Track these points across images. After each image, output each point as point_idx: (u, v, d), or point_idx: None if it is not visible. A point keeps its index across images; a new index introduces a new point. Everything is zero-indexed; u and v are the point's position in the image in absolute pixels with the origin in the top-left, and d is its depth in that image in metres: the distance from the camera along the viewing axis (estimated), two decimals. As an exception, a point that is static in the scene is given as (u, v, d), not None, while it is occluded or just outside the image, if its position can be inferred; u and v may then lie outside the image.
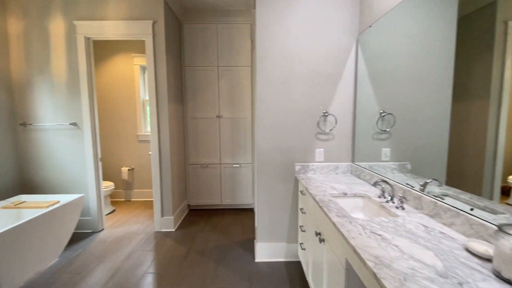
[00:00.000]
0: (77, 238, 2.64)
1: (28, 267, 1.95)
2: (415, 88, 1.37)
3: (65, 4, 2.56)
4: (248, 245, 2.50)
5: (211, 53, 3.24)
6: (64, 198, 2.40)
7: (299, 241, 2.12)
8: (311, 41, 2.07)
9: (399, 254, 0.84)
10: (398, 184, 1.45)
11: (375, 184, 1.42)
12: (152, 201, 3.67)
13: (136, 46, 3.65)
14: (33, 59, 2.59)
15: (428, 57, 1.28)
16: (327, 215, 1.22)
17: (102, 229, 2.84)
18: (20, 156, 2.68)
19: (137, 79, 3.74)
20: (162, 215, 2.82)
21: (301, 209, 2.02)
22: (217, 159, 3.37)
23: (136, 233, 2.76)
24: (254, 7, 2.13)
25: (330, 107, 2.13)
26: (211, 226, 2.96)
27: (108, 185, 3.28)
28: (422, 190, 1.27)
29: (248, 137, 3.34)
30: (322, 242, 1.37)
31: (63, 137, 2.68)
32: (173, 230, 2.83)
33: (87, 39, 2.62)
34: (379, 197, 1.46)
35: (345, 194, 1.60)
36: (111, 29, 2.58)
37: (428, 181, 1.25)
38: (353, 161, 2.17)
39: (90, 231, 2.79)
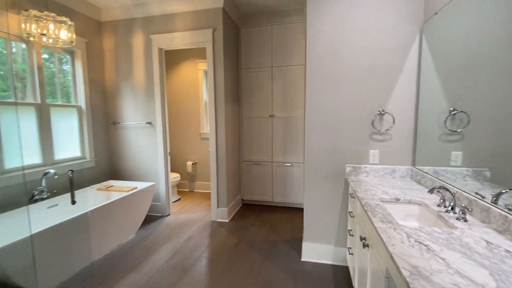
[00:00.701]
0: (149, 219, 3.11)
1: (112, 239, 2.41)
2: (499, 81, 1.15)
3: (144, 22, 3.03)
4: (296, 244, 2.52)
5: (266, 55, 3.34)
6: (140, 185, 2.86)
7: (348, 245, 2.04)
8: (365, 34, 1.95)
9: (443, 267, 0.76)
10: (462, 192, 1.26)
11: (431, 191, 1.27)
12: (211, 193, 4.02)
13: (199, 53, 4.03)
14: (120, 69, 3.16)
15: None
16: (370, 219, 1.16)
17: (169, 214, 3.27)
18: (111, 149, 3.31)
19: (200, 82, 4.13)
20: (218, 206, 3.07)
21: (350, 212, 1.94)
22: (269, 157, 3.47)
23: (195, 220, 3.09)
24: (306, 5, 2.13)
25: (387, 105, 1.97)
26: (262, 221, 3.08)
27: (175, 177, 3.74)
28: (495, 202, 1.08)
29: (300, 136, 3.33)
30: (366, 248, 1.30)
31: (141, 134, 3.19)
32: (227, 221, 3.05)
33: (160, 49, 3.04)
34: (438, 205, 1.30)
35: (397, 200, 1.48)
36: (178, 39, 2.94)
37: (504, 191, 1.06)
38: (413, 164, 1.96)
39: (160, 215, 3.25)
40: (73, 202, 1.57)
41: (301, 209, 3.41)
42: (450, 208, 1.21)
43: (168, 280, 1.98)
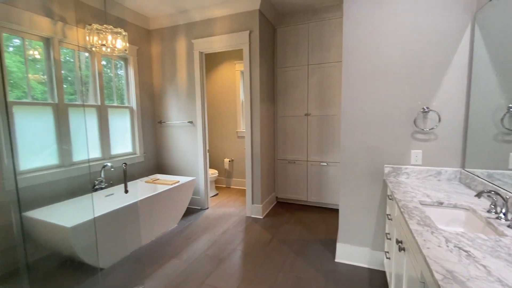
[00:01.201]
0: (190, 212, 3.35)
1: (157, 227, 2.65)
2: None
3: (186, 28, 3.25)
4: (330, 244, 2.48)
5: (302, 53, 3.33)
6: (182, 179, 3.10)
7: (385, 249, 1.95)
8: (407, 25, 1.84)
9: (483, 274, 0.71)
10: (518, 198, 1.14)
11: (479, 195, 1.16)
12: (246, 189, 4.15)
13: (237, 54, 4.17)
14: (166, 73, 3.44)
15: None
16: (406, 221, 1.12)
17: (207, 208, 3.48)
18: (157, 145, 3.63)
19: (237, 82, 4.28)
20: (253, 203, 3.17)
21: (387, 215, 1.86)
22: (304, 156, 3.46)
23: (231, 215, 3.23)
24: None
25: (431, 102, 1.83)
26: (295, 219, 3.09)
27: (213, 173, 3.95)
28: (558, 210, 0.96)
29: (337, 135, 3.25)
30: (402, 251, 1.25)
31: (183, 132, 3.44)
32: (261, 217, 3.13)
33: (201, 53, 3.24)
34: (488, 211, 1.19)
35: (440, 204, 1.38)
36: (217, 43, 3.10)
37: None
38: (463, 166, 1.79)
39: (199, 208, 3.47)
40: (126, 191, 1.79)
41: (336, 210, 3.33)
42: (502, 214, 1.11)
43: (205, 268, 2.12)
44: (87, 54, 2.74)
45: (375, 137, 2.00)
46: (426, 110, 1.84)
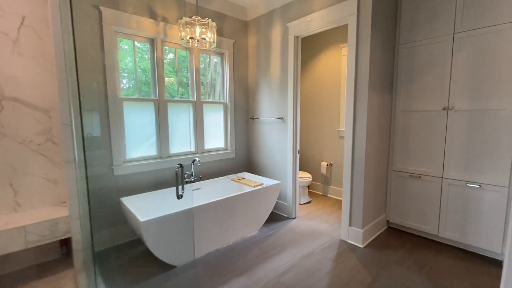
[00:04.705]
0: (275, 218, 2.99)
1: (236, 231, 2.43)
2: None
3: (282, 11, 2.85)
4: (479, 326, 1.48)
5: (444, 16, 2.24)
6: (266, 182, 2.77)
7: None
8: None
9: None
10: None
11: None
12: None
13: (344, 36, 3.41)
14: (260, 66, 3.19)
15: None
16: None
17: (295, 217, 3.01)
18: (248, 142, 3.48)
19: (343, 71, 3.52)
20: (350, 224, 2.44)
21: None
22: (437, 169, 2.36)
23: (322, 233, 2.62)
24: None
25: None
26: (414, 260, 2.14)
27: (306, 177, 3.43)
28: None
29: (505, 142, 2.00)
30: None
31: (273, 129, 3.10)
32: (361, 246, 2.36)
33: (296, 37, 2.76)
34: None
35: None
36: (315, 21, 2.53)
37: None
38: None
39: (285, 215, 3.06)
40: (178, 197, 1.59)
41: (496, 263, 2.08)
42: None
43: (273, 301, 1.69)
44: (186, 51, 2.85)
45: None
46: None
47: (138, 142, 2.55)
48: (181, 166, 1.56)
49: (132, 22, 2.36)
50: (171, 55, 2.76)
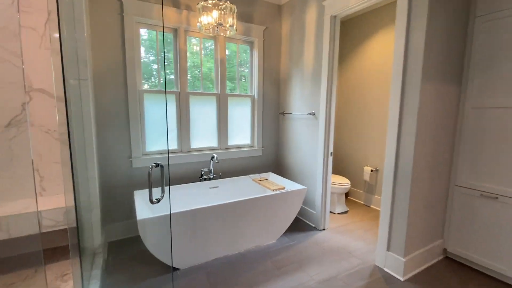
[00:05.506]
0: (300, 227, 2.64)
1: (250, 238, 2.20)
2: None
3: (318, -13, 2.44)
4: None
5: (551, -30, 1.53)
6: (290, 185, 2.45)
7: None
8: None
9: None
10: None
11: None
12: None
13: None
14: (293, 54, 2.83)
15: None
16: None
17: (323, 229, 2.61)
18: (277, 140, 3.17)
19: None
20: (388, 248, 1.95)
21: None
22: (525, 190, 1.68)
23: (352, 254, 2.18)
24: None
25: None
26: (478, 312, 1.56)
27: (342, 182, 2.96)
28: None
29: None
30: None
31: (303, 126, 2.72)
32: (401, 278, 1.86)
33: (333, 18, 2.32)
34: None
35: None
36: (356, -6, 2.06)
37: None
38: None
39: (312, 225, 2.68)
40: (151, 201, 1.40)
41: None
42: None
43: (270, 333, 1.41)
44: (211, 40, 2.69)
45: None
46: None
47: (158, 135, 2.51)
48: (157, 165, 1.38)
49: (154, 11, 2.29)
50: (195, 46, 2.63)
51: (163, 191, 1.36)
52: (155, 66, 2.47)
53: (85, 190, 1.85)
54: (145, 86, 2.43)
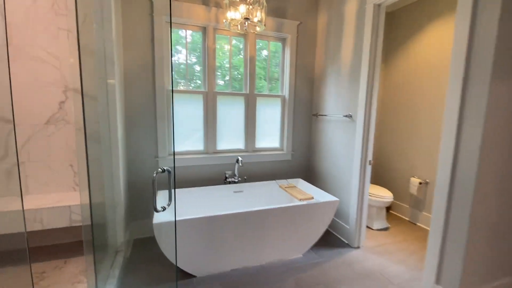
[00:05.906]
0: (330, 242, 2.37)
1: (271, 251, 2.02)
2: None
3: (360, -27, 2.16)
4: None
5: None
6: (320, 196, 2.22)
7: None
8: None
9: None
10: None
11: None
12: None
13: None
14: (329, 50, 2.58)
15: None
16: None
17: (358, 247, 2.30)
18: (309, 143, 2.93)
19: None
20: (438, 281, 1.60)
21: None
22: None
23: (391, 281, 1.86)
24: None
25: None
26: None
27: (383, 195, 2.60)
28: None
29: None
30: None
31: (339, 129, 2.45)
32: (454, 320, 1.50)
33: (376, 7, 2.03)
34: None
35: None
36: (406, -24, 1.75)
37: None
38: None
39: (346, 241, 2.39)
40: (155, 209, 1.29)
41: None
42: None
43: None
44: (241, 38, 2.58)
45: None
46: None
47: (185, 135, 2.49)
48: (163, 171, 1.28)
49: (183, 10, 2.26)
50: (224, 44, 2.55)
51: (170, 199, 1.26)
52: (183, 66, 2.45)
53: (109, 188, 1.87)
54: (178, 87, 2.42)
